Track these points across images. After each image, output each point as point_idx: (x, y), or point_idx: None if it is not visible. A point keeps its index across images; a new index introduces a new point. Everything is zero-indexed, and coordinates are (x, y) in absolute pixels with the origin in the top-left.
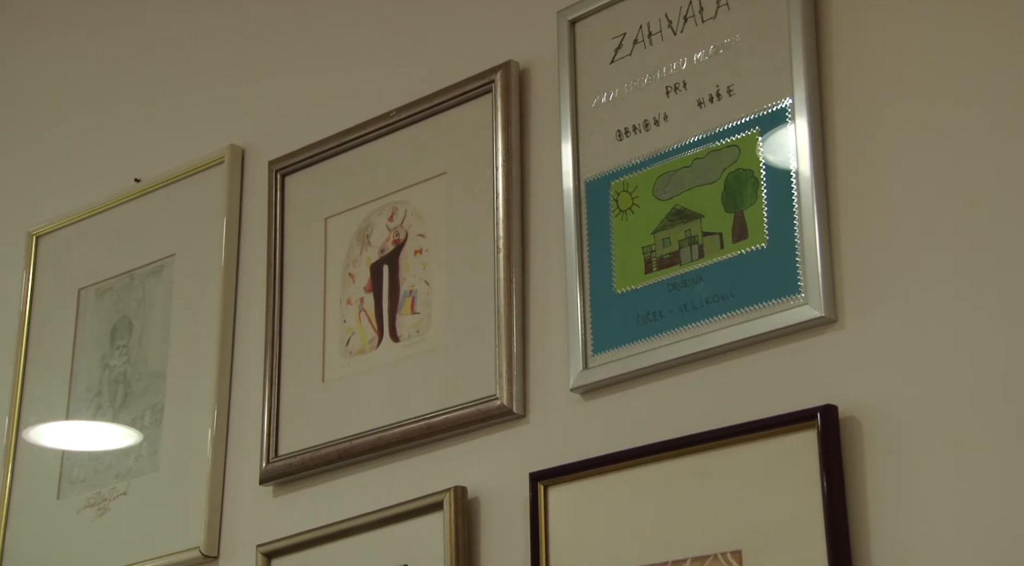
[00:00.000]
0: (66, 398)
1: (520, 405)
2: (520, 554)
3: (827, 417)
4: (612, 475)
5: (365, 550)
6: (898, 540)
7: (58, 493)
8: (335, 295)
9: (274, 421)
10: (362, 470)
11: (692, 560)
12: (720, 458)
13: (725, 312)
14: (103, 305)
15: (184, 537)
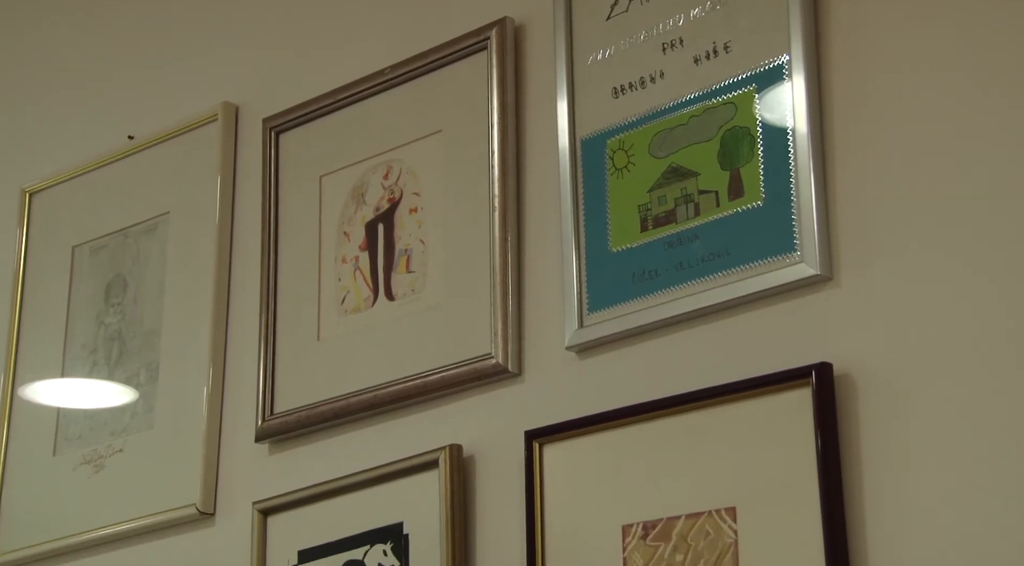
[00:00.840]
0: (61, 356)
1: (515, 363)
2: (515, 512)
3: (822, 375)
4: (607, 433)
5: (361, 507)
6: (892, 498)
7: (54, 450)
8: (330, 253)
9: (269, 379)
10: (358, 428)
11: (686, 517)
12: (715, 416)
13: (721, 270)
14: (97, 263)
15: (180, 494)
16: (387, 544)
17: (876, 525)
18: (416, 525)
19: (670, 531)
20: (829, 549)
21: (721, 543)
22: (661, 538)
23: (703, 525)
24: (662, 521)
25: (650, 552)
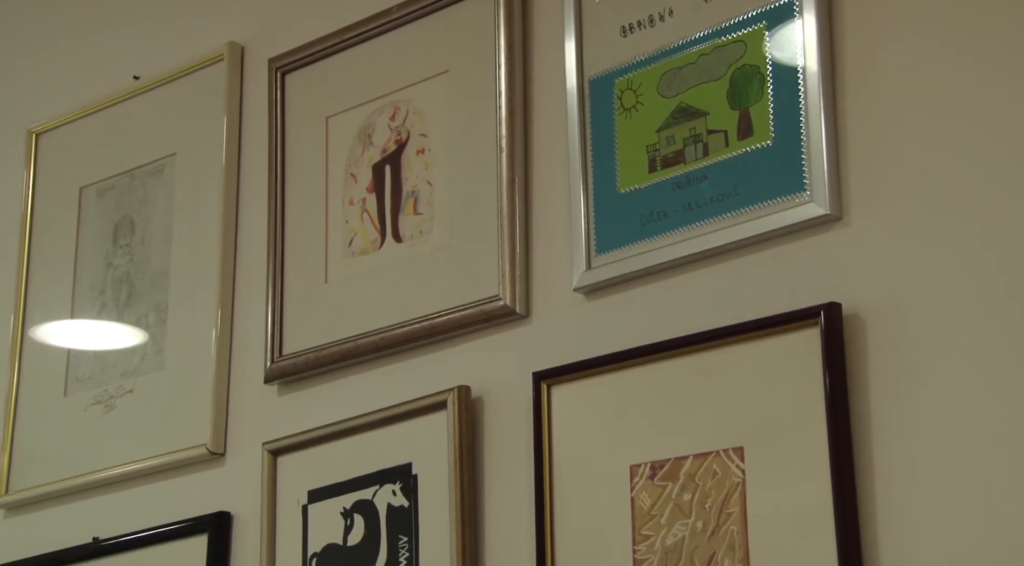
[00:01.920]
0: (70, 297)
1: (523, 305)
2: (523, 453)
3: (831, 315)
4: (615, 374)
5: (369, 448)
6: (900, 438)
7: (65, 390)
8: (337, 195)
9: (278, 321)
10: (366, 370)
11: (694, 457)
12: (723, 357)
13: (730, 211)
14: (104, 204)
15: (190, 434)
16: (396, 484)
17: (884, 464)
18: (425, 466)
19: (678, 471)
20: (837, 488)
21: (729, 482)
22: (669, 478)
23: (711, 465)
24: (670, 461)
25: (658, 492)
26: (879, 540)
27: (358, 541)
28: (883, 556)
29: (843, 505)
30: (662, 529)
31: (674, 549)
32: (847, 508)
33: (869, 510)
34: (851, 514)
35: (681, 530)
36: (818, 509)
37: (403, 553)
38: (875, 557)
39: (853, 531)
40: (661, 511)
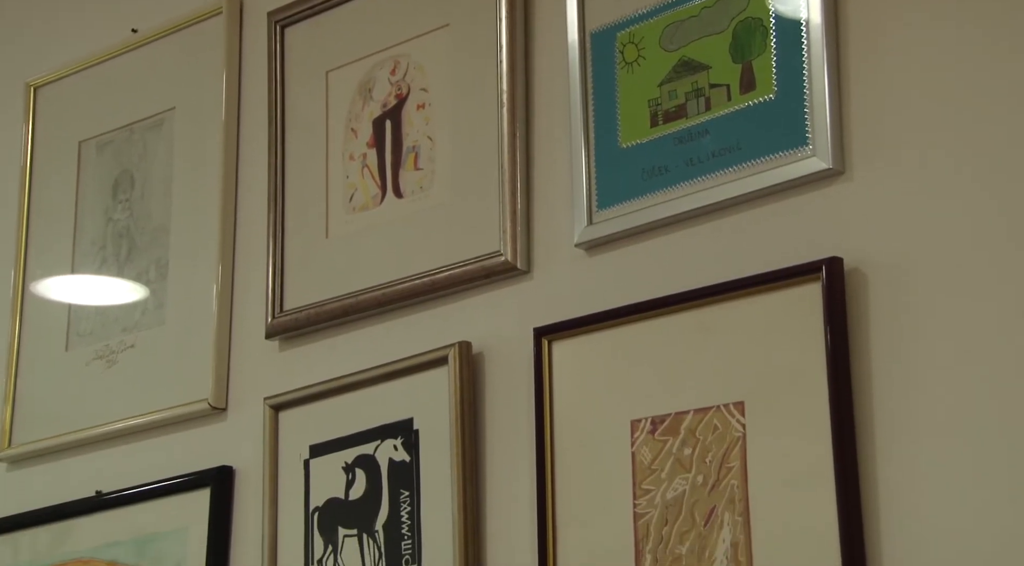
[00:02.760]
0: (71, 252)
1: (524, 261)
2: (524, 408)
3: (832, 269)
4: (616, 330)
5: (371, 403)
6: (901, 392)
7: (66, 345)
8: (337, 150)
9: (278, 277)
10: (367, 326)
11: (695, 412)
12: (724, 312)
13: (731, 165)
14: (104, 159)
15: (192, 389)
16: (398, 439)
17: (884, 419)
18: (426, 421)
19: (678, 425)
20: (837, 443)
21: (729, 437)
22: (669, 432)
23: (711, 419)
24: (670, 416)
25: (658, 446)
26: (879, 494)
27: (360, 495)
28: (883, 510)
29: (843, 459)
30: (663, 483)
31: (674, 503)
32: (847, 462)
33: (869, 464)
34: (851, 468)
35: (682, 484)
36: (818, 463)
37: (405, 507)
38: (875, 511)
39: (853, 485)
40: (662, 465)
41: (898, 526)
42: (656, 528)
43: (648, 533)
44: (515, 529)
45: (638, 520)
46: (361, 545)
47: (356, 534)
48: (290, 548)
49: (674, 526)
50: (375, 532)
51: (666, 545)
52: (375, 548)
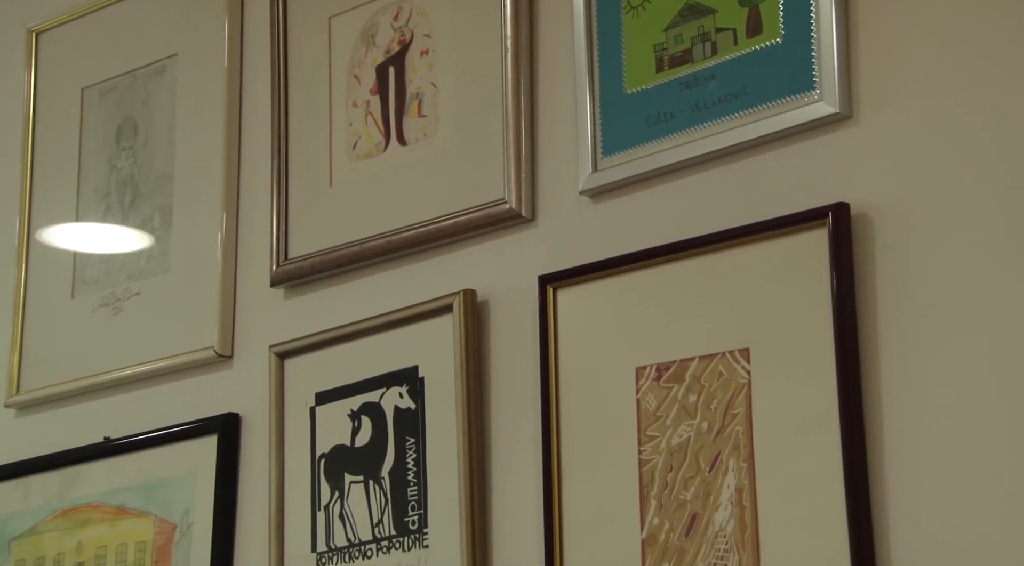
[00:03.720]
0: (75, 199)
1: (529, 208)
2: (529, 356)
3: (839, 215)
4: (621, 277)
5: (376, 351)
6: (907, 338)
7: (72, 293)
8: (340, 97)
9: (283, 224)
10: (372, 274)
11: (700, 358)
12: (730, 258)
13: (738, 111)
14: (107, 106)
15: (198, 337)
16: (403, 387)
17: (890, 365)
18: (431, 368)
19: (684, 372)
20: (842, 389)
21: (734, 383)
22: (675, 379)
23: (716, 366)
24: (676, 362)
25: (663, 393)
26: (884, 440)
27: (366, 442)
28: (888, 455)
29: (848, 406)
30: (667, 430)
31: (679, 449)
32: (853, 409)
33: (875, 410)
34: (856, 414)
35: (687, 431)
36: (824, 410)
37: (410, 454)
38: (880, 457)
39: (858, 431)
40: (667, 412)
41: (903, 471)
42: (661, 474)
43: (653, 479)
44: (520, 476)
45: (643, 466)
46: (367, 491)
47: (362, 480)
48: (297, 494)
49: (679, 472)
50: (381, 478)
51: (671, 491)
52: (381, 494)
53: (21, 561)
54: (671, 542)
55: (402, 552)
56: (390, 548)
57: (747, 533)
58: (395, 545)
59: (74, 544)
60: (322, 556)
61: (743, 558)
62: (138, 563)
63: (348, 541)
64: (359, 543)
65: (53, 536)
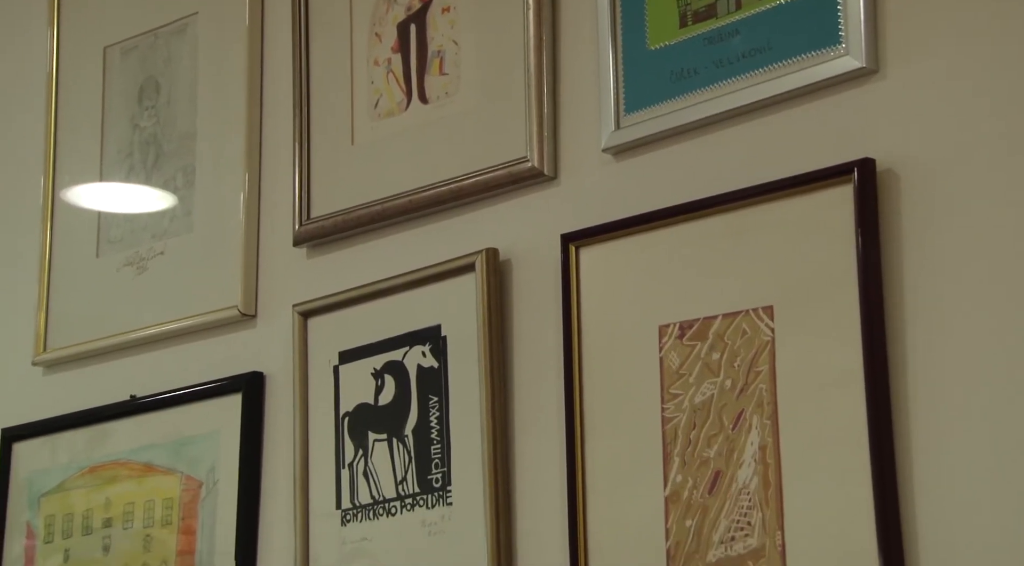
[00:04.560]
0: (98, 159)
1: (551, 167)
2: (552, 315)
3: (864, 171)
4: (644, 235)
5: (399, 310)
6: (933, 295)
7: (97, 252)
8: (362, 56)
9: (305, 184)
10: (394, 233)
11: (723, 316)
12: (754, 216)
13: (762, 66)
14: (129, 65)
15: (221, 296)
16: (426, 346)
17: (916, 322)
18: (454, 327)
19: (707, 330)
20: (867, 347)
21: (758, 341)
22: (698, 337)
23: (740, 324)
24: (699, 320)
25: (686, 351)
26: (909, 398)
27: (389, 401)
28: (912, 412)
29: (874, 364)
30: (691, 388)
31: (702, 407)
32: (878, 367)
33: (900, 369)
34: (881, 372)
35: (710, 388)
36: (848, 367)
37: (434, 412)
38: (905, 415)
39: (883, 390)
40: (690, 370)
41: (928, 427)
42: (684, 432)
43: (676, 437)
44: (543, 433)
45: (666, 424)
46: (391, 449)
47: (386, 439)
48: (321, 451)
49: (702, 430)
50: (405, 437)
51: (694, 448)
52: (405, 452)
53: (50, 517)
54: (694, 499)
55: (426, 509)
56: (414, 505)
57: (771, 490)
58: (419, 502)
59: (102, 500)
60: (347, 513)
61: (767, 515)
62: (165, 519)
63: (372, 498)
64: (383, 500)
65: (81, 492)
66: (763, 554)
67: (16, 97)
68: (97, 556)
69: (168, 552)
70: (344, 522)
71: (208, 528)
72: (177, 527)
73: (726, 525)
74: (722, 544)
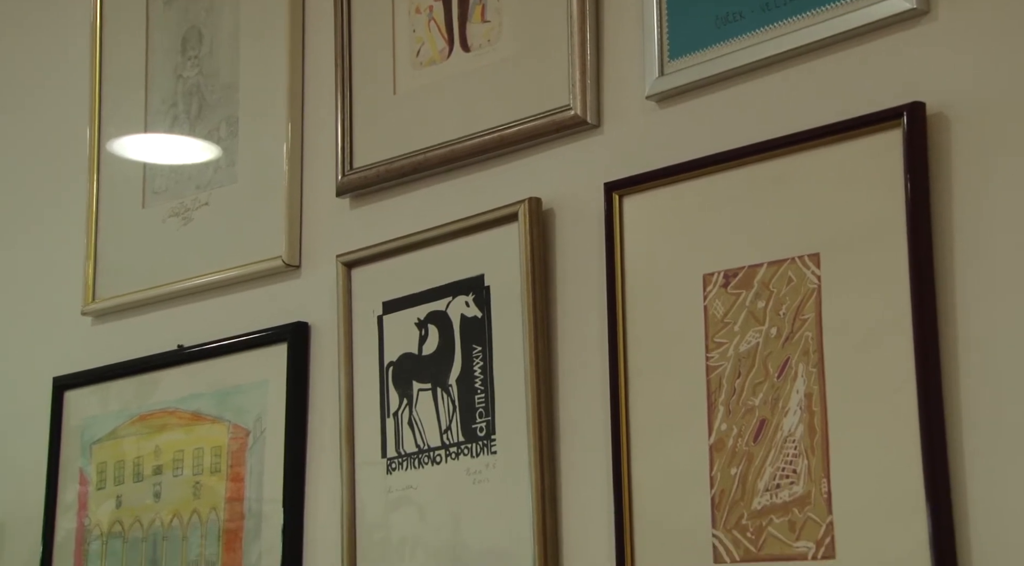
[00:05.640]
0: (143, 110)
1: (594, 115)
2: (595, 263)
3: (914, 115)
4: (688, 183)
5: (442, 260)
6: (983, 243)
7: (143, 203)
8: (403, 4)
9: (348, 134)
10: (437, 183)
11: (768, 264)
12: (800, 162)
13: (808, 9)
14: (171, 14)
15: (266, 247)
16: (469, 295)
17: (966, 271)
18: (497, 277)
19: (752, 279)
20: (916, 295)
21: (804, 289)
22: (743, 286)
23: (785, 271)
24: (744, 269)
25: (731, 300)
26: (959, 345)
27: (433, 350)
28: (962, 361)
29: (922, 311)
30: (735, 336)
31: (747, 355)
32: (926, 314)
33: (949, 316)
34: (930, 320)
35: (755, 337)
36: (896, 315)
37: (477, 362)
38: (954, 363)
39: (932, 337)
40: (735, 319)
41: (978, 375)
42: (729, 380)
43: (721, 385)
44: (587, 384)
45: (710, 373)
46: (435, 398)
47: (430, 388)
48: (366, 400)
49: (747, 378)
50: (449, 386)
51: (739, 397)
52: (449, 401)
53: (102, 464)
54: (739, 447)
55: (470, 458)
56: (459, 454)
57: (816, 437)
58: (463, 451)
59: (152, 448)
60: (392, 461)
61: (812, 462)
62: (214, 467)
63: (417, 447)
64: (428, 449)
65: (132, 440)
66: (808, 501)
67: (61, 49)
68: (148, 502)
69: (217, 499)
70: (389, 470)
71: (256, 476)
72: (226, 475)
73: (771, 473)
74: (767, 492)
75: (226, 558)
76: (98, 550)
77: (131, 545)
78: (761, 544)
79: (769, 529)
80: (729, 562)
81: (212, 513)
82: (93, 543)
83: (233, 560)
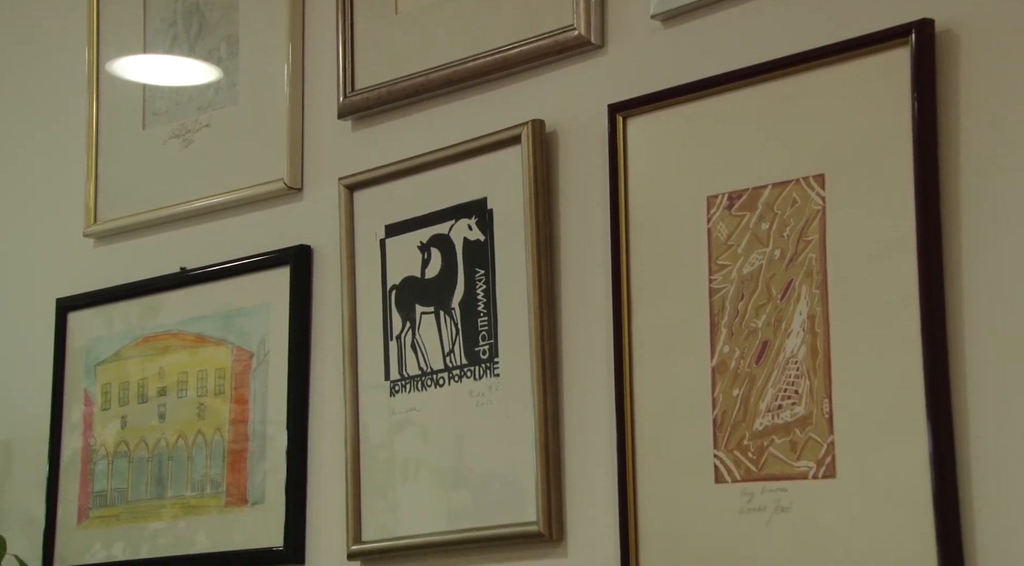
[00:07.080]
0: (142, 30)
1: (598, 35)
2: (599, 186)
3: (922, 32)
4: (692, 104)
5: (445, 183)
6: (991, 164)
7: (143, 124)
8: None
9: (349, 55)
10: (439, 105)
11: (773, 186)
12: (805, 82)
13: None
14: None
15: (268, 169)
16: (472, 218)
17: (972, 192)
18: (500, 200)
19: (756, 200)
20: (921, 216)
21: (808, 210)
22: (747, 208)
23: (790, 193)
24: (748, 190)
25: (735, 222)
26: (963, 266)
27: (436, 274)
28: (966, 283)
29: (927, 233)
30: (739, 258)
31: (751, 277)
32: (931, 236)
33: (954, 239)
34: (935, 241)
35: (758, 259)
36: (901, 237)
37: (480, 285)
38: (958, 285)
39: (936, 258)
40: (738, 241)
41: (982, 296)
42: (732, 302)
43: (724, 307)
44: (590, 304)
45: (713, 295)
46: (438, 321)
47: (433, 311)
48: (369, 323)
49: (750, 300)
50: (451, 309)
51: (742, 319)
52: (452, 324)
53: (107, 384)
54: (741, 369)
55: (473, 381)
56: (461, 377)
57: (818, 358)
58: (466, 374)
59: (156, 370)
60: (395, 384)
61: (814, 383)
62: (218, 389)
63: (420, 370)
64: (431, 372)
65: (136, 362)
66: (810, 421)
67: None
68: (153, 423)
69: (221, 420)
70: (393, 393)
71: (260, 398)
72: (230, 396)
73: (773, 394)
74: (769, 412)
75: (231, 478)
76: (104, 469)
77: (137, 464)
78: (762, 464)
79: (770, 449)
80: (730, 481)
81: (217, 434)
82: (99, 462)
83: (238, 480)
